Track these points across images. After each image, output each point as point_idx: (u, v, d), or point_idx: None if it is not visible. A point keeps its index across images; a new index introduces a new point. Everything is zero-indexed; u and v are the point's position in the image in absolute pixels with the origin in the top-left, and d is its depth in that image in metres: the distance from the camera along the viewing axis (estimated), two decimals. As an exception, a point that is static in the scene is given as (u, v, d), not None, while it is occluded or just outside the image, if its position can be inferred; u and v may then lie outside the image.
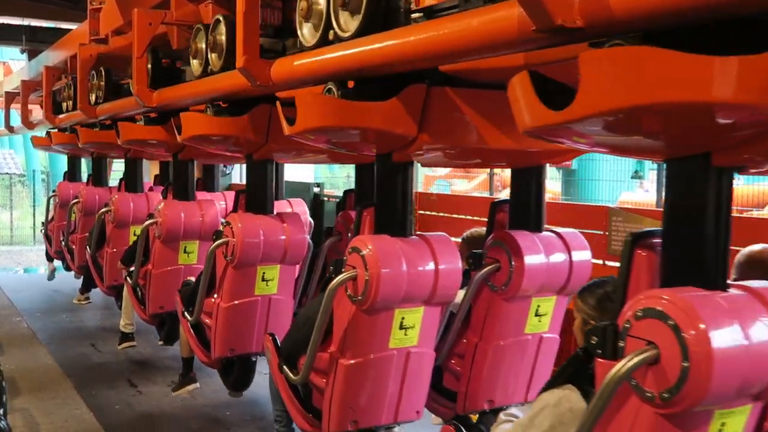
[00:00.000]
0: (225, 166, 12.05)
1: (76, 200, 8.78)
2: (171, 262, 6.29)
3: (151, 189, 8.01)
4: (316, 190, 12.10)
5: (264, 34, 3.84)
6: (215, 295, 5.05)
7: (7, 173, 22.76)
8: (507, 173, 18.38)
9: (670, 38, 1.93)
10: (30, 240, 19.80)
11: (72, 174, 10.29)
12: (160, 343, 7.09)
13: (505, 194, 17.36)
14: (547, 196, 4.23)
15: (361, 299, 3.44)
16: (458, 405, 4.09)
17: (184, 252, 6.26)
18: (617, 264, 7.13)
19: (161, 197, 6.87)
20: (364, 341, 3.59)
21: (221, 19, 4.17)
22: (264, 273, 4.80)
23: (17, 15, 12.77)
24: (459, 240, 4.75)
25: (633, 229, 6.98)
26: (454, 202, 9.97)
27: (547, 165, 4.09)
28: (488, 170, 12.67)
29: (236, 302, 4.88)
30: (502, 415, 2.99)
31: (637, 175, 13.29)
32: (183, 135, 4.84)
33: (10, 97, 12.12)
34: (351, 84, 3.40)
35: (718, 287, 2.25)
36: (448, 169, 19.72)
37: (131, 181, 7.73)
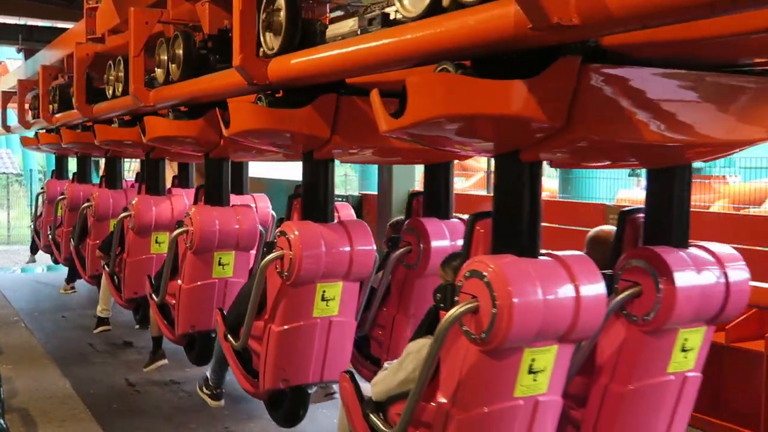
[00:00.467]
0: None
1: (62, 197, 9.33)
2: (144, 252, 6.82)
3: (133, 186, 8.32)
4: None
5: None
6: (178, 279, 5.58)
7: (4, 173, 22.76)
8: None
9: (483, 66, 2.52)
10: (27, 239, 19.77)
11: (59, 172, 10.85)
12: (137, 327, 7.63)
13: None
14: (545, 194, 4.32)
15: (287, 275, 4.01)
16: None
17: (156, 242, 6.81)
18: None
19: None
20: (291, 311, 4.14)
21: (179, 35, 4.65)
22: (220, 258, 5.35)
23: (14, 14, 12.75)
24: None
25: (630, 226, 7.00)
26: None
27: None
28: (485, 168, 12.68)
29: (196, 284, 5.42)
30: (385, 364, 3.62)
31: (634, 173, 13.30)
32: (147, 136, 5.30)
33: (6, 96, 12.11)
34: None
35: (529, 255, 2.82)
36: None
37: (110, 179, 8.32)
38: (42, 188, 11.67)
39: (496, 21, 2.24)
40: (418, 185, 11.22)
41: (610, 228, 3.77)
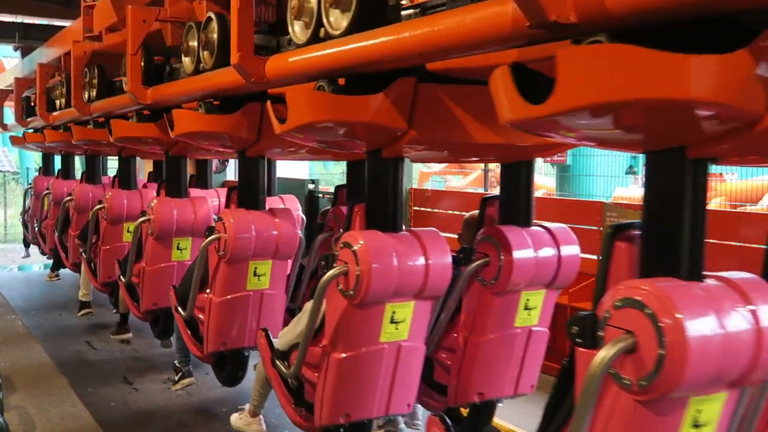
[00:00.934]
0: (221, 162, 12.49)
1: (47, 192, 10.05)
2: (117, 240, 7.49)
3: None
4: (311, 186, 12.11)
5: (258, 30, 3.84)
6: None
7: (1, 171, 22.71)
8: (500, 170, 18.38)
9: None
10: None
11: (46, 169, 11.67)
12: (114, 311, 8.35)
13: (498, 190, 17.37)
14: (542, 192, 4.32)
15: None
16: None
17: (127, 231, 7.26)
18: (612, 259, 7.08)
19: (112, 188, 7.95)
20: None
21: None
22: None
23: (10, 12, 12.73)
24: (452, 236, 4.80)
25: (627, 224, 7.01)
26: (449, 198, 9.98)
27: (538, 160, 4.12)
28: (483, 166, 12.67)
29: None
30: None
31: (631, 171, 13.33)
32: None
33: (3, 94, 12.10)
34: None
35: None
36: (442, 166, 19.71)
37: (90, 175, 9.06)
38: (29, 184, 12.27)
39: (494, 19, 2.25)
40: (416, 184, 11.22)
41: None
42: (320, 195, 12.00)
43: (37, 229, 10.83)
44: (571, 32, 2.10)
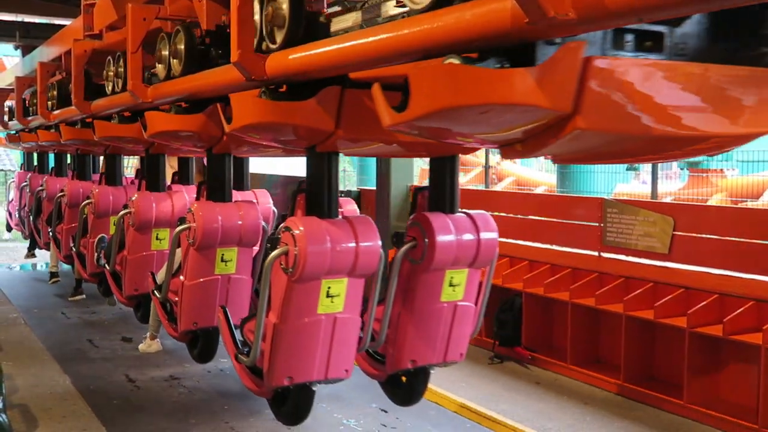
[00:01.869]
0: None
1: (25, 184, 11.59)
2: (74, 221, 8.47)
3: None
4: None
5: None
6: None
7: (2, 170, 22.72)
8: (503, 166, 18.31)
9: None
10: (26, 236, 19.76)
11: (28, 165, 13.37)
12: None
13: (499, 187, 17.38)
14: (543, 189, 4.38)
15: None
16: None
17: (82, 213, 7.99)
18: (613, 256, 7.16)
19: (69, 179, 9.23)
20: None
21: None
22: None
23: (10, 11, 12.72)
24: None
25: (629, 220, 7.00)
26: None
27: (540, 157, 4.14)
28: (483, 164, 12.67)
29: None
30: None
31: (632, 167, 13.30)
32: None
33: (4, 93, 12.09)
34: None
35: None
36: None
37: (57, 168, 10.40)
38: (13, 179, 14.59)
39: (493, 15, 2.25)
40: (416, 180, 11.23)
41: None
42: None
43: (18, 216, 12.68)
44: (569, 28, 2.10)
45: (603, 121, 2.36)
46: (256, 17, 3.62)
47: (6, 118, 11.19)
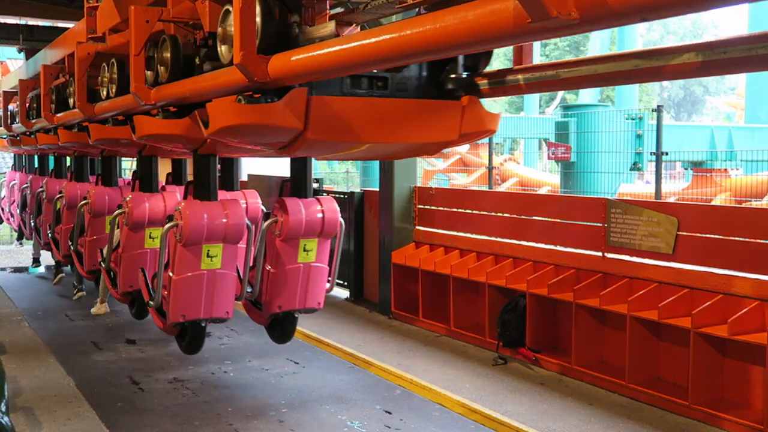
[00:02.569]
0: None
1: (13, 182, 13.70)
2: (49, 213, 9.99)
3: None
4: (315, 185, 12.12)
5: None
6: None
7: (4, 172, 22.79)
8: (507, 167, 18.30)
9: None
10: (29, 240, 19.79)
11: (18, 166, 15.19)
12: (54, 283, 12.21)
13: (503, 187, 17.37)
14: (546, 189, 4.36)
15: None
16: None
17: (55, 208, 9.39)
18: (617, 256, 7.13)
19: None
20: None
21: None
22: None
23: (14, 14, 12.74)
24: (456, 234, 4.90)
25: (633, 221, 6.99)
26: (452, 195, 9.97)
27: (543, 157, 4.15)
28: (486, 164, 12.67)
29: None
30: None
31: (635, 167, 13.28)
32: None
33: (8, 96, 12.11)
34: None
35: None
36: (447, 164, 19.73)
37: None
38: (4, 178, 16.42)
39: (496, 16, 2.25)
40: (420, 182, 11.23)
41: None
42: (325, 193, 12.01)
43: (7, 210, 14.45)
44: (571, 29, 2.10)
45: (322, 134, 4.06)
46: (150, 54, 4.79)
47: (9, 120, 11.54)
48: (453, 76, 4.31)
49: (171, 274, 5.66)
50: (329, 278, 6.17)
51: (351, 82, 4.20)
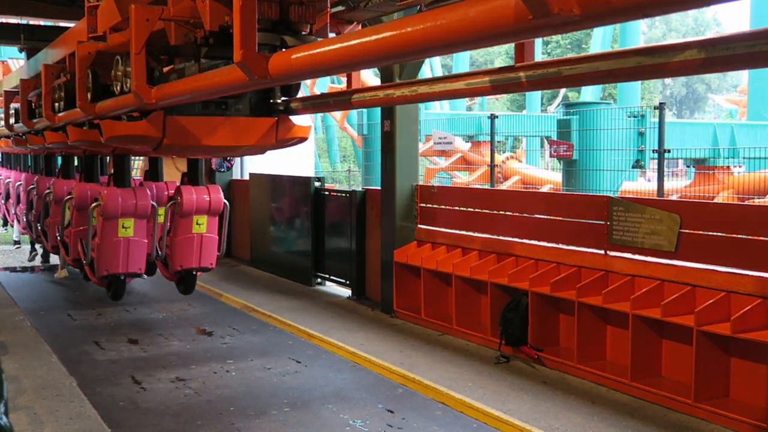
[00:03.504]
0: (223, 165, 14.14)
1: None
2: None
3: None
4: (317, 184, 12.15)
5: (261, 28, 3.84)
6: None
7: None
8: (508, 165, 18.24)
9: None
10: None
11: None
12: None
13: (505, 185, 17.35)
14: (548, 187, 4.33)
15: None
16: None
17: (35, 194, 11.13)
18: (619, 254, 7.11)
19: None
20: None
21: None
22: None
23: (15, 14, 12.73)
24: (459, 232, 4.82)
25: (635, 218, 6.97)
26: (454, 193, 9.96)
27: (546, 155, 4.13)
28: (488, 163, 12.66)
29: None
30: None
31: (638, 164, 13.28)
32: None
33: (9, 95, 12.11)
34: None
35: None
36: (448, 162, 19.70)
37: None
38: None
39: (497, 12, 2.23)
40: (422, 180, 11.22)
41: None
42: (326, 192, 12.02)
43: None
44: (573, 25, 2.09)
45: (175, 141, 6.23)
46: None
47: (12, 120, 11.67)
48: (271, 101, 6.51)
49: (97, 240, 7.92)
50: (219, 246, 8.30)
51: (202, 105, 6.37)
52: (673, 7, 1.92)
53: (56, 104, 7.94)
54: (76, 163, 10.68)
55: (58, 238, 9.42)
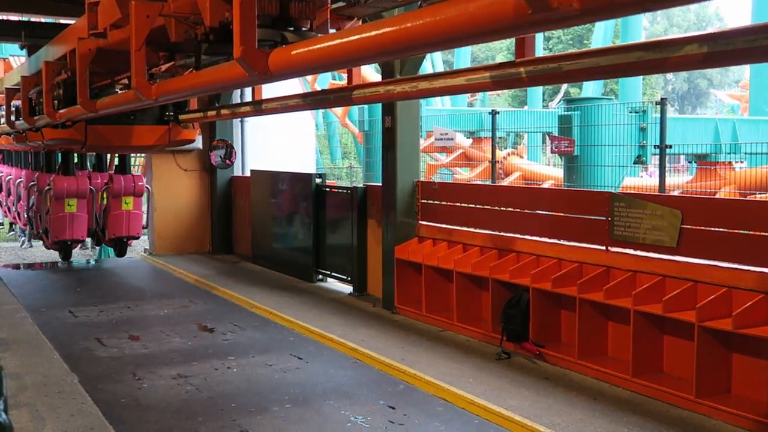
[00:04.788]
0: (225, 161, 14.24)
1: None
2: (61, 209, 13.29)
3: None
4: (318, 180, 12.15)
5: (261, 24, 3.84)
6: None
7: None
8: (510, 161, 18.20)
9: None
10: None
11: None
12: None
13: (506, 182, 17.34)
14: (550, 183, 4.31)
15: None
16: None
17: (68, 205, 12.67)
18: (620, 250, 7.08)
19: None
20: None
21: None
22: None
23: (16, 11, 12.74)
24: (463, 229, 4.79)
25: (636, 214, 6.96)
26: (455, 189, 9.95)
27: (547, 151, 4.12)
28: (489, 159, 12.65)
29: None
30: None
31: (639, 160, 13.24)
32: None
33: (10, 93, 12.11)
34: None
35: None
36: (450, 158, 19.69)
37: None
38: None
39: (496, 7, 2.22)
40: (423, 176, 11.21)
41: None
42: (328, 188, 12.02)
43: None
44: (573, 20, 2.08)
45: (94, 143, 10.09)
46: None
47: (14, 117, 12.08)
48: (166, 113, 9.79)
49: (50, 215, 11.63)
50: (144, 220, 12.56)
51: (116, 117, 9.20)
52: (674, 1, 1.92)
53: (55, 101, 8.50)
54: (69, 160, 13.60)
55: (26, 216, 13.44)
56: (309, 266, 12.15)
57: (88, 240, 16.54)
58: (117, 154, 12.74)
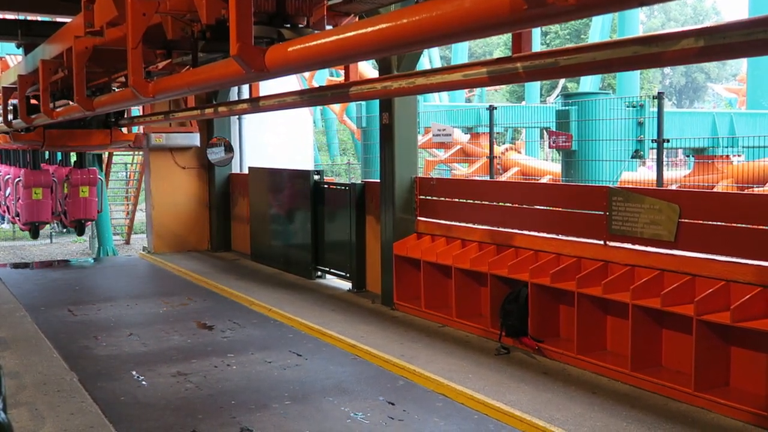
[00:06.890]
0: (225, 159, 14.62)
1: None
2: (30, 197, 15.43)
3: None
4: (316, 177, 12.14)
5: (257, 21, 3.83)
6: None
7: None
8: (508, 156, 18.19)
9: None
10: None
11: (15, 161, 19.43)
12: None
13: (504, 177, 17.35)
14: (548, 178, 4.30)
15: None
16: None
17: (35, 194, 14.84)
18: (619, 244, 7.10)
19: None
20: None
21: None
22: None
23: (12, 9, 12.72)
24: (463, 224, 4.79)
25: (634, 208, 6.97)
26: (454, 185, 9.96)
27: (545, 146, 4.12)
28: (487, 154, 12.66)
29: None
30: None
31: (637, 155, 13.25)
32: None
33: (7, 92, 12.10)
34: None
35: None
36: (448, 154, 19.69)
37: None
38: None
39: (492, 2, 2.22)
40: (421, 172, 11.22)
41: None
42: (326, 185, 12.02)
43: None
44: (567, 15, 2.08)
45: (51, 144, 11.97)
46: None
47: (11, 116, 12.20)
48: (108, 119, 11.53)
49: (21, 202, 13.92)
50: (97, 206, 14.84)
51: (68, 123, 10.74)
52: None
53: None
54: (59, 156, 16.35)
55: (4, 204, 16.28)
56: (308, 263, 12.15)
57: (56, 223, 19.89)
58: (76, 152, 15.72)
